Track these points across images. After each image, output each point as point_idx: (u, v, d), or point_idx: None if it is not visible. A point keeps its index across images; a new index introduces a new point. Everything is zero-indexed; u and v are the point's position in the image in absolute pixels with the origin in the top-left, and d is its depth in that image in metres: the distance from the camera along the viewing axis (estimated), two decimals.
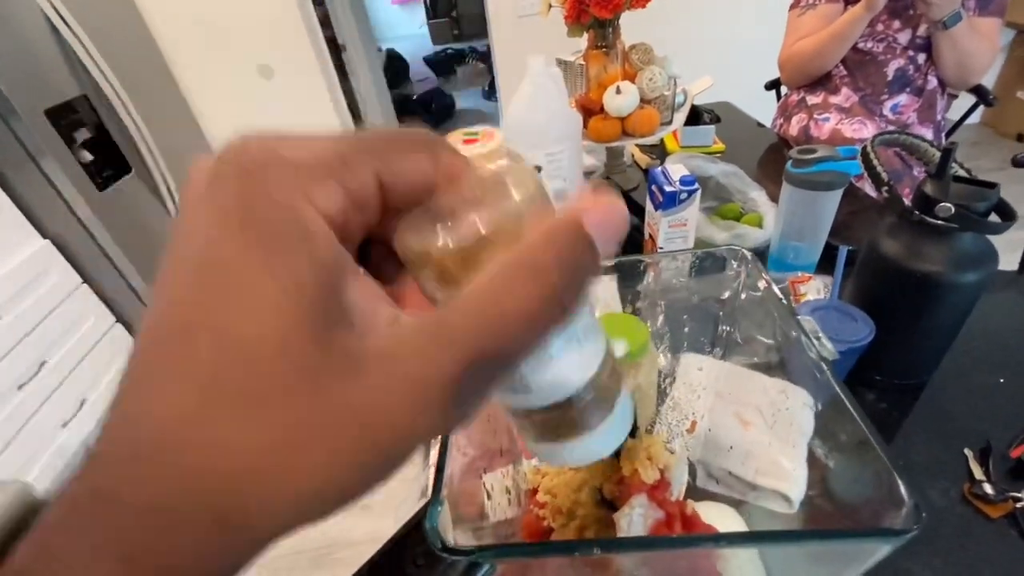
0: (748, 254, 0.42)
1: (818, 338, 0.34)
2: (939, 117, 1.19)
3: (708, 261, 0.46)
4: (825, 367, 0.31)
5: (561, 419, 0.17)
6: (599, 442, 0.18)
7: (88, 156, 1.60)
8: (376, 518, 1.35)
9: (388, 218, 0.15)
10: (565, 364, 0.16)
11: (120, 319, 1.75)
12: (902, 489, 0.21)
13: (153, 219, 1.85)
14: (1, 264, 1.41)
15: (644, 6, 0.86)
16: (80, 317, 1.61)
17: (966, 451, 0.49)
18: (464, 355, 0.12)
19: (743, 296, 0.45)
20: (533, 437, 0.18)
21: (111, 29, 1.77)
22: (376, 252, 0.16)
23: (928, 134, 1.18)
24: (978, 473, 0.47)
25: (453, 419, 0.12)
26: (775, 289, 0.38)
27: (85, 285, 1.64)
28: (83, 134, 1.60)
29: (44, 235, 1.54)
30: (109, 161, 1.68)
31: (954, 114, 1.35)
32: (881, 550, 0.20)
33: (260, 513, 0.11)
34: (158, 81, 2.05)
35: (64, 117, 1.54)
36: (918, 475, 0.49)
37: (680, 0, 2.15)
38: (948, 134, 1.30)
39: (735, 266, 0.44)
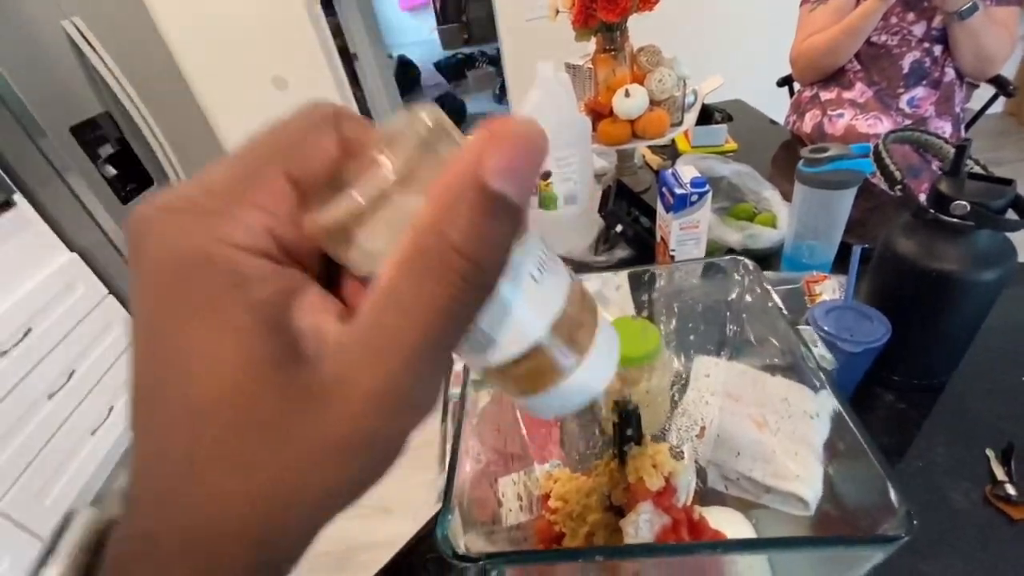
0: (750, 264, 0.42)
1: (815, 346, 0.34)
2: (958, 109, 1.17)
3: (712, 271, 0.46)
4: (824, 376, 0.31)
5: (538, 367, 0.16)
6: (585, 381, 0.17)
7: (112, 171, 1.65)
8: (396, 522, 1.37)
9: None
10: (522, 309, 0.15)
11: None
12: (893, 496, 0.21)
13: None
14: (30, 277, 1.46)
15: (652, 8, 0.86)
16: (107, 327, 1.66)
17: (988, 452, 0.48)
18: (401, 356, 0.12)
19: (749, 299, 0.45)
20: (517, 394, 0.17)
21: (132, 48, 1.82)
22: None
23: (947, 127, 1.15)
24: (1000, 474, 0.46)
25: (419, 404, 0.13)
26: (775, 299, 0.38)
27: (111, 296, 1.69)
28: (107, 149, 1.66)
29: (71, 248, 1.59)
30: (132, 175, 1.73)
31: (975, 103, 1.32)
32: (876, 554, 0.20)
33: (275, 541, 0.12)
34: (177, 96, 2.11)
35: (88, 134, 1.60)
36: (939, 476, 0.48)
37: (688, 0, 2.13)
38: (968, 126, 1.27)
39: (738, 275, 0.44)
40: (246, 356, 0.12)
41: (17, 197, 1.45)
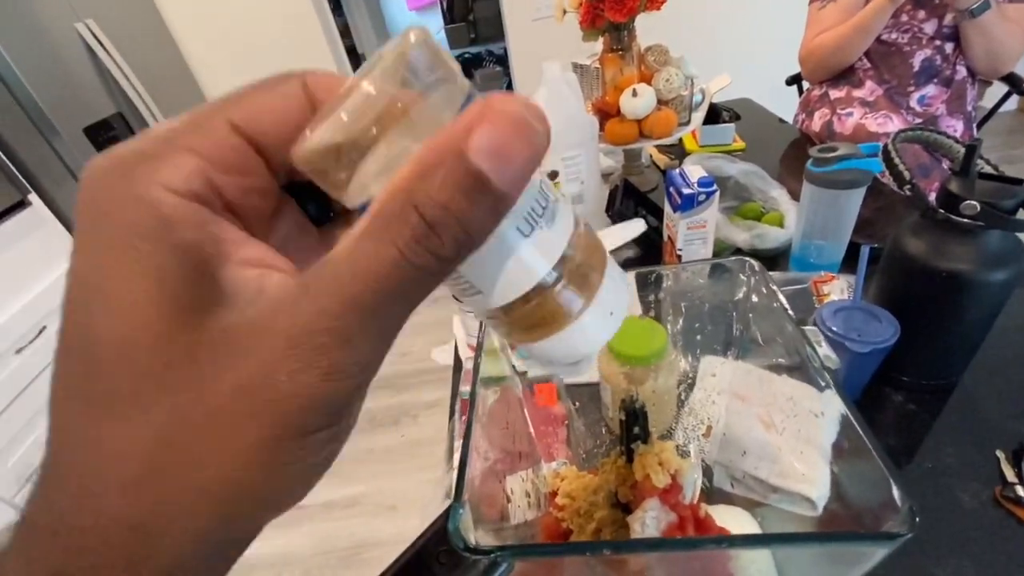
0: (756, 265, 0.42)
1: (820, 346, 0.34)
2: (969, 107, 1.16)
3: (718, 271, 0.46)
4: (829, 377, 0.31)
5: (537, 312, 0.15)
6: (590, 327, 0.16)
7: None
8: (402, 519, 1.38)
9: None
10: (518, 253, 0.14)
11: None
12: (896, 494, 0.21)
13: None
14: (45, 276, 1.49)
15: (659, 8, 0.86)
16: None
17: (998, 453, 0.48)
18: (333, 304, 0.11)
19: (755, 299, 0.45)
20: (517, 338, 0.16)
21: (143, 50, 1.84)
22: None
23: (958, 125, 1.14)
24: (1010, 475, 0.46)
25: (344, 367, 0.11)
26: (781, 299, 0.38)
27: None
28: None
29: None
30: None
31: (988, 101, 1.30)
32: (880, 551, 0.21)
33: (169, 516, 0.11)
34: (188, 97, 2.13)
35: (101, 134, 1.62)
36: (948, 478, 0.48)
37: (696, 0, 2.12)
38: (980, 124, 1.25)
39: (745, 276, 0.44)
40: (161, 296, 0.11)
41: (32, 197, 1.48)
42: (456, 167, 0.11)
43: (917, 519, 0.19)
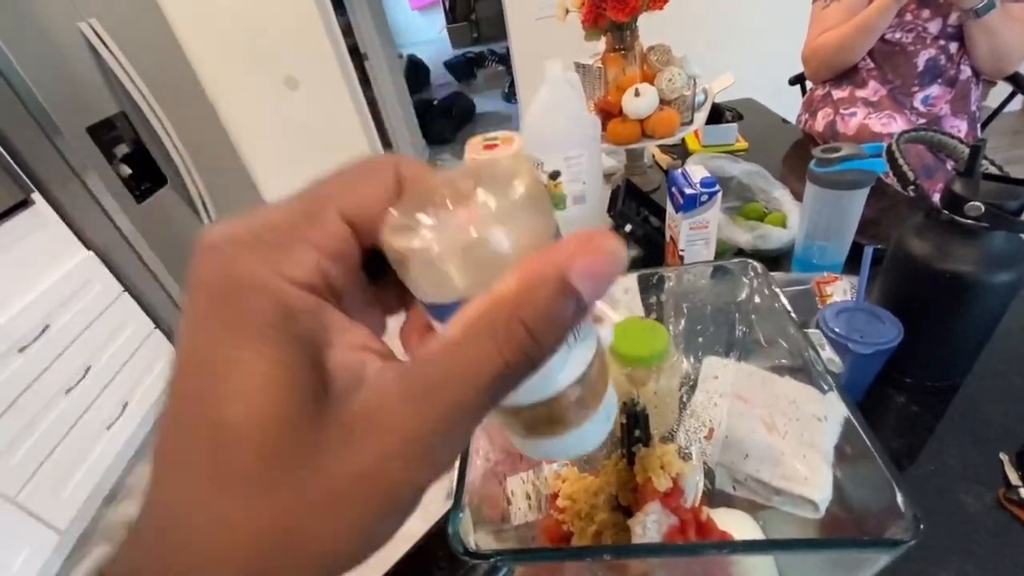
0: (758, 266, 0.42)
1: (823, 349, 0.33)
2: (973, 107, 1.15)
3: (720, 273, 0.46)
4: (832, 380, 0.31)
5: (547, 416, 0.17)
6: (585, 437, 0.18)
7: (127, 170, 1.68)
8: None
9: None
10: (553, 365, 0.15)
11: (158, 325, 1.82)
12: (900, 500, 0.21)
13: (188, 228, 1.92)
14: (48, 275, 1.49)
15: (662, 8, 0.86)
16: (122, 324, 1.68)
17: (1002, 455, 0.48)
18: (443, 407, 0.12)
19: (757, 300, 0.45)
20: (518, 433, 0.18)
21: (146, 49, 1.85)
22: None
23: (962, 126, 1.14)
24: (1014, 478, 0.46)
25: (443, 461, 0.13)
26: (783, 301, 0.38)
27: (126, 293, 1.71)
28: (122, 149, 1.68)
29: (87, 247, 1.62)
30: (146, 174, 1.76)
31: (992, 101, 1.30)
32: (883, 557, 0.20)
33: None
34: (191, 96, 2.13)
35: (104, 133, 1.62)
36: (951, 480, 0.48)
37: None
38: (984, 125, 1.25)
39: (747, 278, 0.44)
40: (285, 384, 0.12)
41: (35, 196, 1.48)
42: (558, 286, 0.12)
43: (921, 526, 0.19)
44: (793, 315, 0.37)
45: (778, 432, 0.43)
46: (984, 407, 0.53)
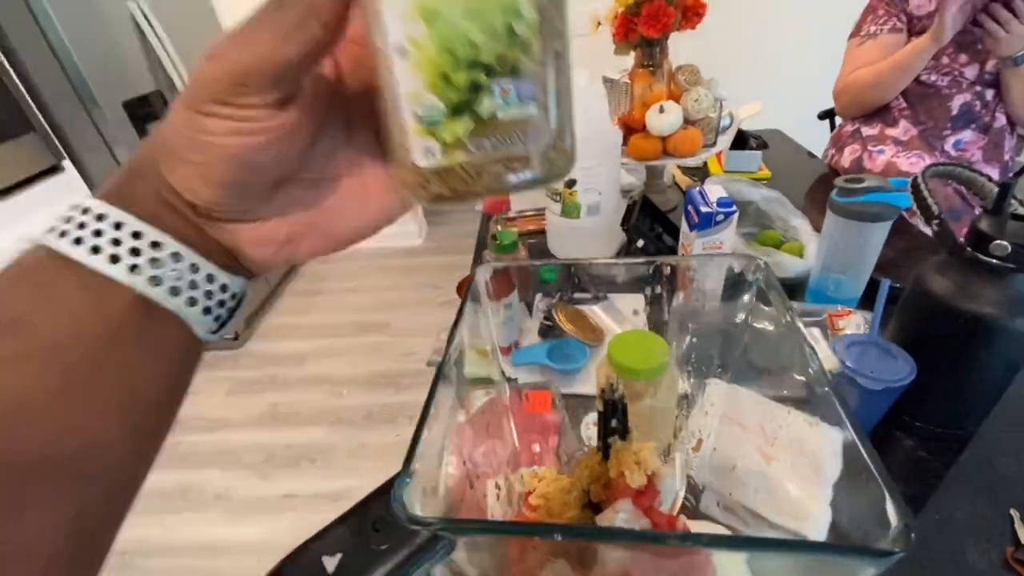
0: (762, 262, 0.40)
1: (812, 349, 0.31)
2: (1007, 157, 1.12)
3: (727, 281, 0.44)
4: (825, 383, 0.29)
5: None
6: None
7: None
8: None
9: None
10: None
11: None
12: (890, 509, 0.19)
13: None
14: None
15: (694, 27, 0.85)
16: None
17: (1012, 512, 0.45)
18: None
19: (762, 307, 0.43)
20: None
21: (189, 32, 1.90)
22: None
23: (993, 174, 1.11)
24: (1023, 536, 0.43)
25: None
26: (784, 298, 0.36)
27: None
28: (153, 125, 1.71)
29: None
30: None
31: None
32: (869, 570, 0.19)
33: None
34: None
35: (139, 109, 1.66)
36: (958, 534, 0.45)
37: (731, 24, 2.11)
38: (1016, 175, 1.22)
39: (751, 276, 0.41)
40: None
41: (66, 163, 1.52)
42: None
43: (912, 535, 0.17)
44: (792, 312, 0.35)
45: (778, 463, 0.41)
46: (997, 460, 0.51)
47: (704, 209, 0.66)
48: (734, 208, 0.65)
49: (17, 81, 1.39)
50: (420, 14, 0.15)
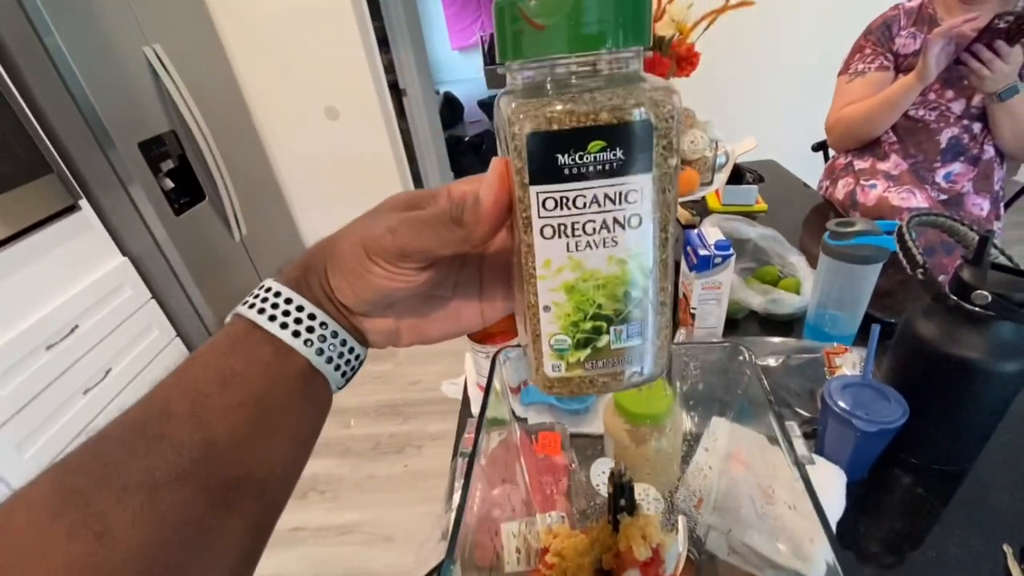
0: (746, 353, 0.42)
1: (796, 437, 0.34)
2: (997, 187, 1.16)
3: (713, 355, 0.47)
4: (800, 473, 0.31)
5: None
6: None
7: (169, 184, 1.77)
8: (397, 552, 1.36)
9: None
10: None
11: (179, 334, 1.87)
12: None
13: (218, 243, 2.00)
14: (84, 277, 1.56)
15: (688, 75, 0.90)
16: (145, 330, 1.74)
17: (1005, 548, 0.47)
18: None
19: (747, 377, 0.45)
20: None
21: (202, 75, 1.97)
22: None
23: (985, 204, 1.14)
24: (1016, 573, 0.45)
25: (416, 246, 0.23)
26: (764, 384, 0.39)
27: (153, 300, 1.77)
28: (167, 164, 1.77)
29: (123, 253, 1.70)
30: (187, 189, 1.84)
31: (1022, 175, 1.30)
32: None
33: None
34: (237, 120, 2.25)
35: (154, 149, 1.72)
36: (953, 570, 0.47)
37: (724, 66, 2.17)
38: (1008, 203, 1.25)
39: (738, 361, 0.44)
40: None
41: (83, 202, 1.57)
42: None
43: None
44: (775, 406, 0.38)
45: (781, 503, 0.43)
46: (992, 495, 0.53)
47: (702, 252, 0.69)
48: (731, 252, 0.68)
49: (35, 123, 1.45)
50: (563, 288, 0.20)
